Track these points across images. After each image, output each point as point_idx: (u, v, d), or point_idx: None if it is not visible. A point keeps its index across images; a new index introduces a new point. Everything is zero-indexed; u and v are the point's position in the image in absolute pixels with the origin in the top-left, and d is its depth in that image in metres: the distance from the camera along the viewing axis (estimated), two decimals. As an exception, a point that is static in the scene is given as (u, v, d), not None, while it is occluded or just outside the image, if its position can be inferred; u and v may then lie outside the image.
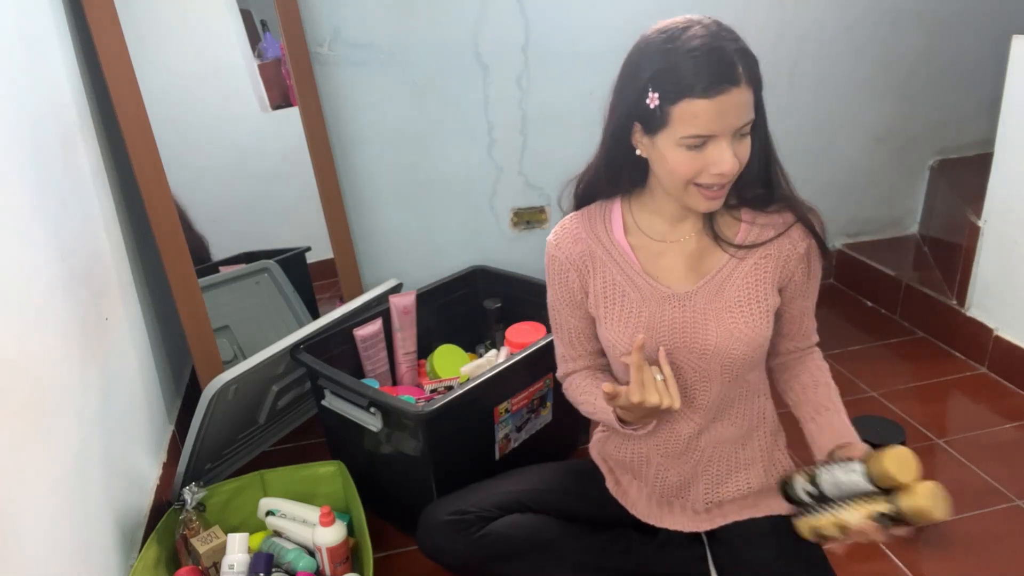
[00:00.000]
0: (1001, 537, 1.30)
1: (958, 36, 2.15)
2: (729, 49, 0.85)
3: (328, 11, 1.72)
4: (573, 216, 1.07)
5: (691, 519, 1.13)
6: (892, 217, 2.36)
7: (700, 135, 0.87)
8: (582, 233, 1.05)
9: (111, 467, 1.13)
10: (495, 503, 1.14)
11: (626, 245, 1.02)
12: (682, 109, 0.86)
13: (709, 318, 0.99)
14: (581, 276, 1.05)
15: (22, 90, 1.02)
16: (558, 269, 1.06)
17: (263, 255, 1.74)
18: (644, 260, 1.02)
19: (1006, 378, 1.76)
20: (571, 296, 1.06)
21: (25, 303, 0.91)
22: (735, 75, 0.85)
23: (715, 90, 0.84)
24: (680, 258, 1.01)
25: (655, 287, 1.01)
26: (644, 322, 1.01)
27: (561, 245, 1.05)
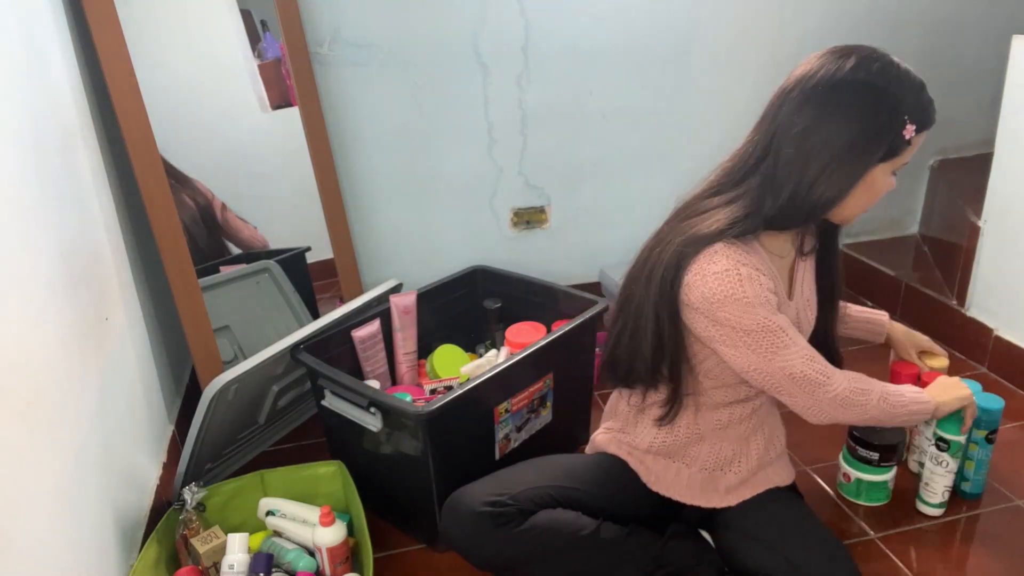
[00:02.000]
0: (1001, 537, 1.30)
1: (958, 36, 2.15)
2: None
3: (328, 11, 1.72)
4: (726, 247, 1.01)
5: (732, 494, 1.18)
6: (892, 217, 2.36)
7: (907, 162, 1.02)
8: (752, 258, 1.03)
9: (111, 467, 1.13)
10: (530, 497, 1.12)
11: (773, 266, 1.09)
12: (918, 139, 0.99)
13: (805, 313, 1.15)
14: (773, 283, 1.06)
15: (22, 90, 1.02)
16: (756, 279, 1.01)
17: (263, 255, 1.74)
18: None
19: (1006, 378, 1.76)
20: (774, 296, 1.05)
21: (25, 303, 0.91)
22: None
23: (933, 123, 1.00)
24: (784, 271, 1.13)
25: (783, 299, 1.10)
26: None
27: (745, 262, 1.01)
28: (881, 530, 1.31)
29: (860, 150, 0.97)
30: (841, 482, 1.41)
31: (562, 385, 1.44)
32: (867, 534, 1.31)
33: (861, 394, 1.08)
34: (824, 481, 1.44)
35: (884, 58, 0.96)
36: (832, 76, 0.96)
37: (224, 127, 1.72)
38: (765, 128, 1.02)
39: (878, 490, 1.36)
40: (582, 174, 2.02)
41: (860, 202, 1.03)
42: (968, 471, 1.35)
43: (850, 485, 1.39)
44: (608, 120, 1.99)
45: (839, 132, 0.96)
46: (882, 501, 1.37)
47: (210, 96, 1.70)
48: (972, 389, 1.35)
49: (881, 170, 1.00)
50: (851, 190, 1.00)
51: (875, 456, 1.33)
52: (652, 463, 1.20)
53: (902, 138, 0.96)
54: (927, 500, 1.33)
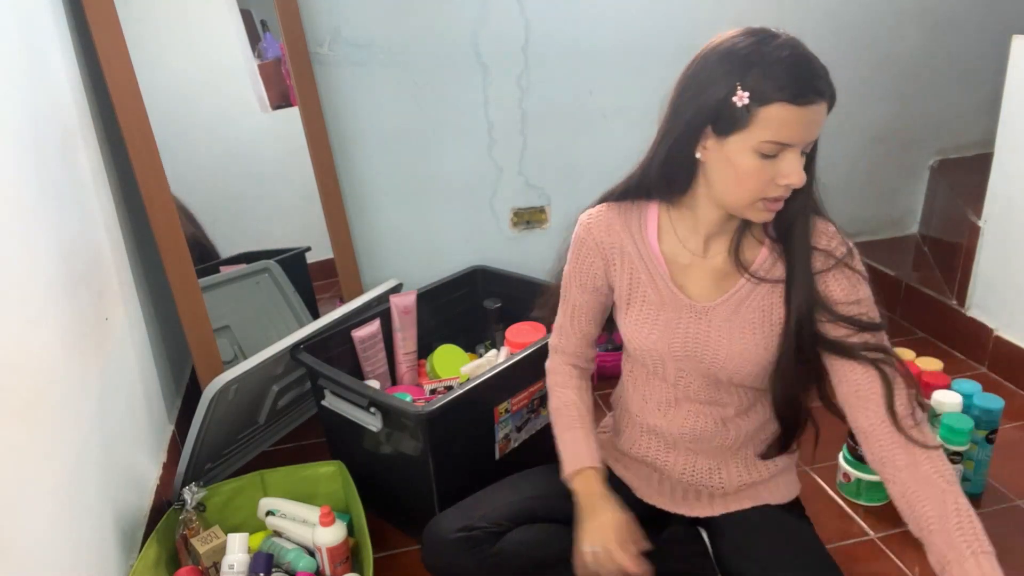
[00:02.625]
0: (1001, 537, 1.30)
1: (958, 36, 2.15)
2: (816, 62, 0.86)
3: (328, 11, 1.72)
4: (609, 205, 1.07)
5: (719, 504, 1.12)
6: (892, 217, 2.36)
7: (780, 142, 0.86)
8: (616, 225, 1.06)
9: (111, 467, 1.13)
10: (503, 515, 1.09)
11: (658, 251, 1.03)
12: (770, 112, 0.85)
13: (723, 335, 1.00)
14: (606, 265, 1.07)
15: (22, 90, 1.02)
16: (584, 250, 1.08)
17: (263, 255, 1.74)
18: (673, 270, 1.03)
19: (1006, 378, 1.76)
20: (588, 278, 1.09)
21: (25, 303, 0.91)
22: (824, 88, 0.85)
23: (805, 99, 0.84)
24: (706, 273, 1.02)
25: (678, 297, 1.02)
26: (661, 326, 1.03)
27: (593, 228, 1.07)
28: (881, 530, 1.31)
29: (685, 113, 0.90)
30: (841, 482, 1.41)
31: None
32: (867, 534, 1.31)
33: (548, 387, 1.16)
34: (824, 481, 1.44)
35: (757, 31, 0.90)
36: (705, 48, 0.92)
37: (224, 127, 1.72)
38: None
39: (878, 490, 1.36)
40: (582, 174, 2.02)
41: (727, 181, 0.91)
42: (968, 471, 1.35)
43: (850, 485, 1.39)
44: (608, 120, 1.99)
45: (684, 94, 0.91)
46: (882, 501, 1.37)
47: (210, 96, 1.70)
48: (972, 389, 1.35)
49: (735, 146, 0.88)
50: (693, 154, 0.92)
51: None
52: (636, 469, 1.17)
53: (734, 105, 0.86)
54: None
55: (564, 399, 1.13)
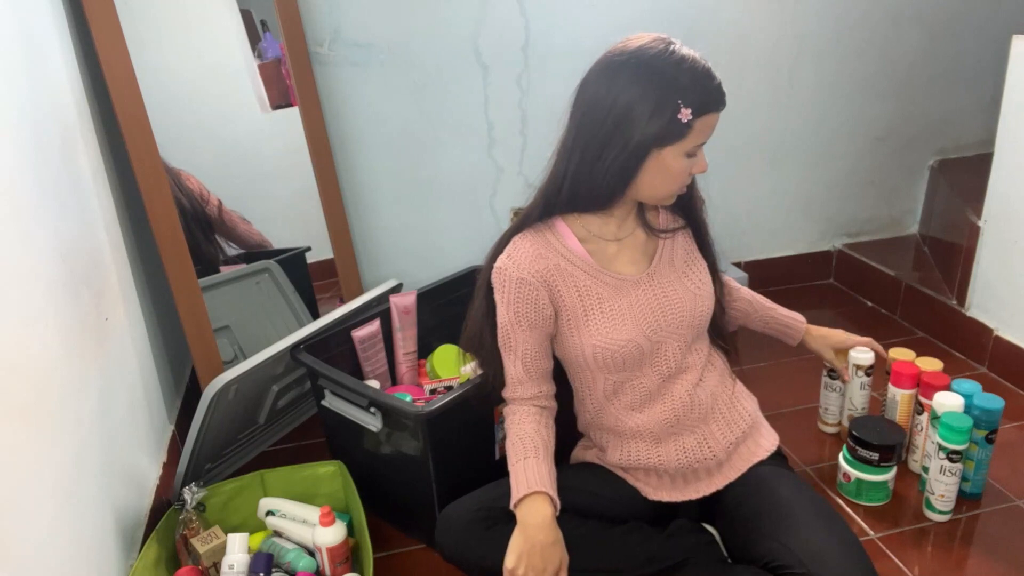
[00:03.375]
0: (1001, 537, 1.30)
1: (958, 36, 2.15)
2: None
3: (328, 11, 1.72)
4: (521, 238, 1.10)
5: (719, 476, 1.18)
6: (892, 217, 2.36)
7: (700, 144, 1.01)
8: (541, 250, 1.09)
9: (111, 467, 1.13)
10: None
11: (584, 252, 1.10)
12: (706, 121, 0.99)
13: (675, 287, 1.13)
14: (551, 292, 1.09)
15: (22, 90, 1.02)
16: (523, 290, 1.08)
17: (263, 255, 1.74)
18: (603, 262, 1.12)
19: (1006, 378, 1.76)
20: (536, 316, 1.10)
21: (25, 303, 0.91)
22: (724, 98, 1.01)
23: (719, 108, 1.00)
24: (633, 250, 1.14)
25: (622, 279, 1.11)
26: (625, 311, 1.10)
27: (524, 265, 1.08)
28: (881, 530, 1.32)
29: (633, 130, 0.98)
30: (841, 482, 1.41)
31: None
32: (867, 534, 1.31)
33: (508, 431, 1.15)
34: (824, 481, 1.45)
35: (664, 42, 0.98)
36: (613, 58, 0.99)
37: (224, 127, 1.72)
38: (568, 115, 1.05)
39: (878, 490, 1.36)
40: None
41: (658, 184, 1.04)
42: (968, 471, 1.35)
43: (850, 485, 1.39)
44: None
45: (613, 112, 0.98)
46: (882, 501, 1.37)
47: (210, 96, 1.70)
48: (972, 389, 1.35)
49: (671, 153, 1.00)
50: (635, 172, 1.02)
51: (875, 456, 1.33)
52: (635, 474, 1.20)
53: (679, 122, 0.96)
54: (940, 509, 1.33)
55: (520, 432, 1.12)
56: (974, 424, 1.30)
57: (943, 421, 1.28)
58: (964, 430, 1.27)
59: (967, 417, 1.28)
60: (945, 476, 1.29)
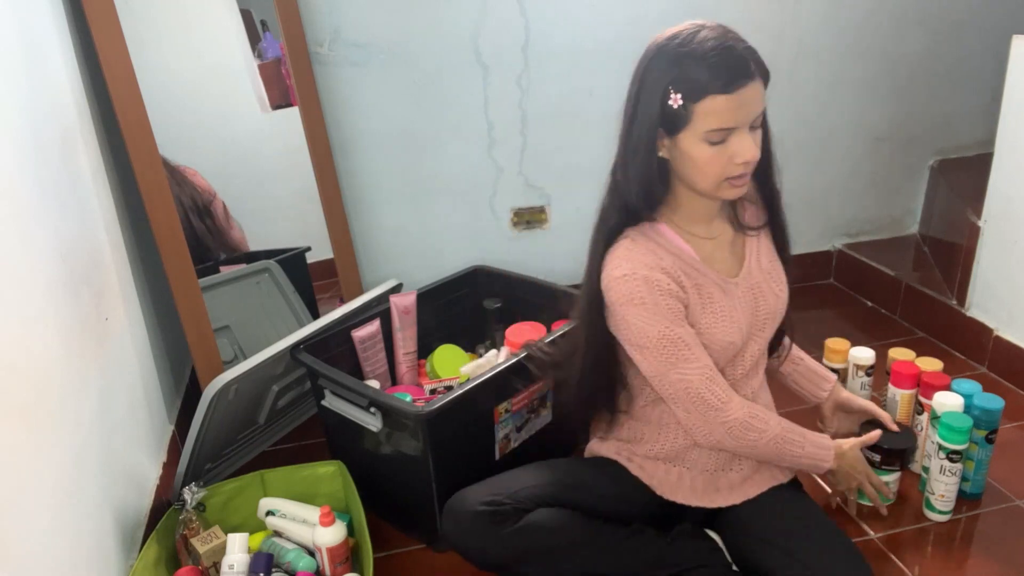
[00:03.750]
0: (1001, 537, 1.30)
1: (958, 36, 2.15)
2: (740, 47, 0.94)
3: (328, 11, 1.72)
4: (628, 244, 1.06)
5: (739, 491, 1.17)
6: (892, 217, 2.36)
7: (723, 128, 0.95)
8: (656, 250, 1.06)
9: (111, 467, 1.13)
10: (529, 496, 1.12)
11: (692, 251, 1.08)
12: (705, 106, 0.94)
13: (763, 289, 1.12)
14: (681, 287, 1.06)
15: (22, 90, 1.02)
16: (658, 287, 1.03)
17: (263, 255, 1.74)
18: (704, 260, 1.10)
19: (1006, 378, 1.76)
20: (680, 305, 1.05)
21: (25, 303, 0.91)
22: (749, 70, 0.94)
23: (734, 85, 0.93)
24: (725, 250, 1.12)
25: (725, 280, 1.10)
26: (730, 311, 1.09)
27: (648, 263, 1.04)
28: (881, 530, 1.31)
29: (638, 121, 0.99)
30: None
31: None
32: (867, 534, 1.31)
33: (754, 430, 1.08)
34: (824, 481, 1.44)
35: (688, 32, 0.96)
36: (644, 54, 1.01)
37: (224, 127, 1.72)
38: None
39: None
40: (582, 174, 2.02)
41: (693, 173, 1.00)
42: (968, 471, 1.35)
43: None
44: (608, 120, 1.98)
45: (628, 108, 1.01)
46: (883, 502, 1.37)
47: (210, 96, 1.70)
48: (972, 389, 1.35)
49: (686, 141, 0.97)
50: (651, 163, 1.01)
51: (876, 458, 1.33)
52: (653, 468, 1.19)
53: (671, 108, 0.95)
54: (940, 509, 1.32)
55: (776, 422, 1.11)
56: (974, 424, 1.30)
57: (943, 421, 1.28)
58: (964, 430, 1.27)
59: (967, 417, 1.28)
60: (945, 476, 1.29)
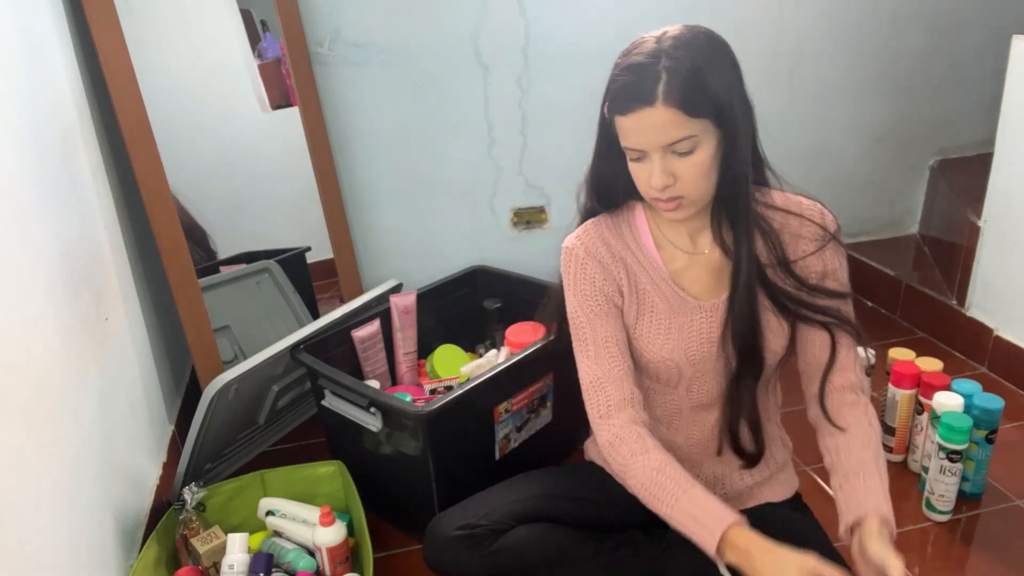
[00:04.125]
0: (1001, 537, 1.30)
1: (958, 36, 2.15)
2: (657, 67, 0.86)
3: (328, 11, 1.72)
4: (596, 221, 1.04)
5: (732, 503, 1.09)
6: (892, 217, 2.36)
7: (631, 148, 0.91)
8: (611, 239, 1.02)
9: (111, 467, 1.13)
10: (505, 514, 1.09)
11: (657, 256, 1.02)
12: (618, 123, 0.91)
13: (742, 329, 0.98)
14: (613, 278, 1.01)
15: (22, 90, 1.02)
16: (586, 270, 1.00)
17: (263, 255, 1.74)
18: (673, 272, 1.01)
19: (1006, 378, 1.76)
20: (601, 298, 1.00)
21: (25, 303, 0.91)
22: (649, 95, 0.86)
23: (629, 108, 0.88)
24: (704, 270, 1.01)
25: (685, 299, 1.00)
26: (675, 334, 1.00)
27: (589, 246, 1.01)
28: (881, 530, 1.31)
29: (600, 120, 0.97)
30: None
31: (562, 385, 1.44)
32: (867, 534, 1.31)
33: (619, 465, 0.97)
34: (824, 481, 1.44)
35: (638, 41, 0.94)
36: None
37: (224, 127, 1.72)
38: None
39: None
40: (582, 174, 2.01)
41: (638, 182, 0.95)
42: (968, 471, 1.35)
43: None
44: (608, 120, 1.99)
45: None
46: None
47: (210, 96, 1.70)
48: (972, 389, 1.35)
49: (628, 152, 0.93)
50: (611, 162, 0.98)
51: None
52: None
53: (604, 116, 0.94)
54: (940, 509, 1.32)
55: (653, 464, 0.94)
56: (974, 424, 1.30)
57: (943, 421, 1.28)
58: (964, 430, 1.27)
59: (967, 417, 1.28)
60: (945, 476, 1.29)
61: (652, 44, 0.90)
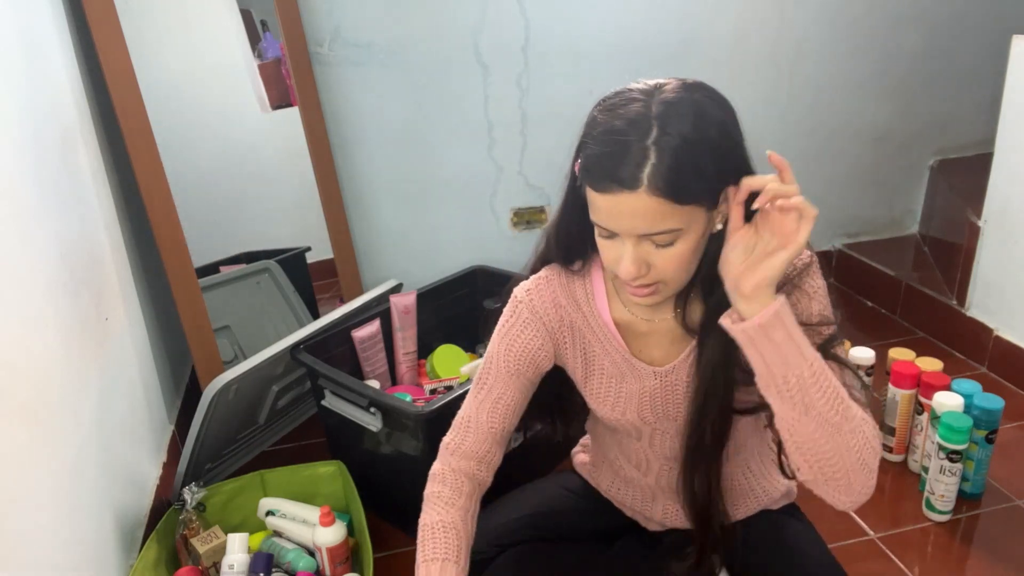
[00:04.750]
0: (1001, 537, 1.30)
1: (958, 36, 2.15)
2: (644, 144, 0.71)
3: (328, 11, 1.72)
4: (550, 274, 0.93)
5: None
6: (892, 217, 2.36)
7: (601, 226, 0.77)
8: (561, 298, 0.92)
9: (111, 467, 1.13)
10: (491, 540, 1.04)
11: (610, 322, 0.91)
12: (588, 194, 0.76)
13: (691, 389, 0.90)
14: (556, 345, 0.93)
15: (22, 90, 1.02)
16: (528, 330, 0.92)
17: (263, 255, 1.74)
18: (629, 339, 0.92)
19: (1006, 378, 1.76)
20: (528, 363, 0.92)
21: (25, 303, 0.91)
22: (631, 178, 0.71)
23: (605, 188, 0.73)
24: (664, 337, 0.91)
25: (637, 367, 0.92)
26: (624, 398, 0.93)
27: (537, 306, 0.92)
28: (881, 530, 1.31)
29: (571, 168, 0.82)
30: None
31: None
32: (867, 534, 1.31)
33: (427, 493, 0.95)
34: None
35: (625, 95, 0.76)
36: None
37: (224, 127, 1.72)
38: None
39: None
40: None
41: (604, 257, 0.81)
42: (968, 471, 1.35)
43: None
44: (608, 120, 1.98)
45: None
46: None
47: (210, 96, 1.70)
48: (972, 389, 1.35)
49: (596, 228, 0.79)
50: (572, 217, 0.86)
51: None
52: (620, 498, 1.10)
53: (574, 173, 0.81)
54: (940, 509, 1.32)
55: (443, 518, 0.91)
56: (974, 424, 1.30)
57: (943, 421, 1.28)
58: (964, 430, 1.27)
59: (967, 417, 1.28)
60: (945, 476, 1.29)
61: (639, 107, 0.73)
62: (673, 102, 0.73)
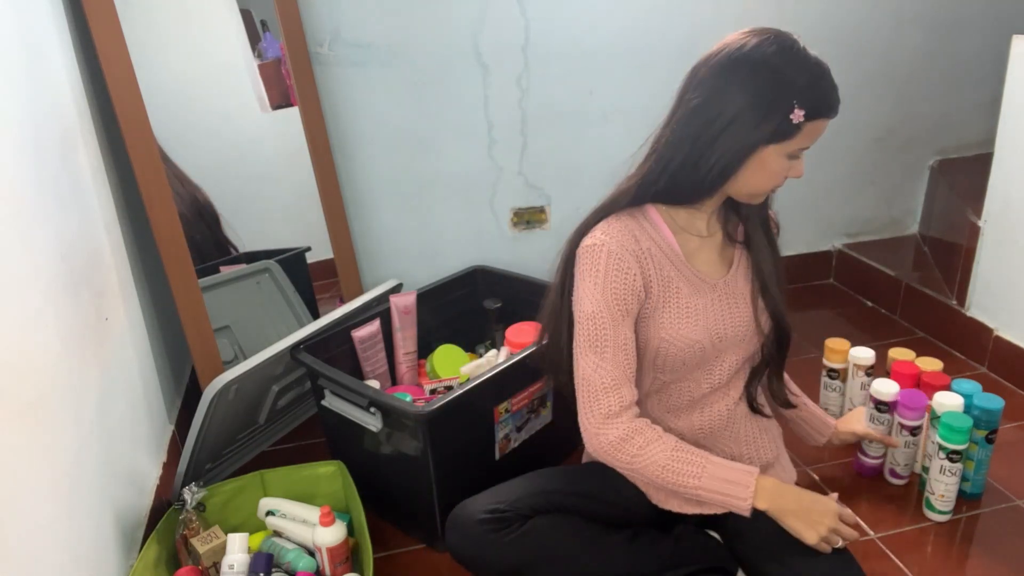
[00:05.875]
0: (1001, 537, 1.30)
1: (958, 36, 2.15)
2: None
3: (328, 11, 1.72)
4: (613, 220, 1.06)
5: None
6: (892, 217, 2.36)
7: (806, 148, 1.00)
8: (637, 232, 1.06)
9: (111, 467, 1.13)
10: (529, 504, 1.11)
11: (675, 243, 1.08)
12: (816, 125, 0.97)
13: (741, 300, 1.11)
14: (644, 271, 1.05)
15: (22, 90, 1.02)
16: (621, 265, 1.03)
17: (263, 255, 1.74)
18: (688, 255, 1.10)
19: (1006, 378, 1.76)
20: (631, 297, 1.04)
21: (25, 303, 0.91)
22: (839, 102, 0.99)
23: (831, 113, 0.98)
24: (713, 251, 1.12)
25: (701, 279, 1.09)
26: (699, 312, 1.08)
27: (623, 241, 1.04)
28: (881, 530, 1.32)
29: (746, 127, 0.96)
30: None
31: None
32: (867, 534, 1.31)
33: (631, 456, 1.03)
34: (824, 481, 1.44)
35: (786, 40, 0.98)
36: (732, 53, 0.99)
37: (224, 127, 1.72)
38: (673, 105, 1.04)
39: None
40: (582, 174, 2.02)
41: (755, 181, 1.02)
42: (968, 471, 1.35)
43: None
44: (608, 120, 1.99)
45: (727, 107, 0.97)
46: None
47: (210, 96, 1.70)
48: (972, 389, 1.35)
49: (774, 152, 0.98)
50: (739, 167, 1.00)
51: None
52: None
53: (790, 122, 0.95)
54: (940, 509, 1.32)
55: (670, 445, 1.03)
56: (974, 424, 1.30)
57: (943, 421, 1.28)
58: (964, 430, 1.27)
59: (967, 417, 1.28)
60: (945, 476, 1.29)
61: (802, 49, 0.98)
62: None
